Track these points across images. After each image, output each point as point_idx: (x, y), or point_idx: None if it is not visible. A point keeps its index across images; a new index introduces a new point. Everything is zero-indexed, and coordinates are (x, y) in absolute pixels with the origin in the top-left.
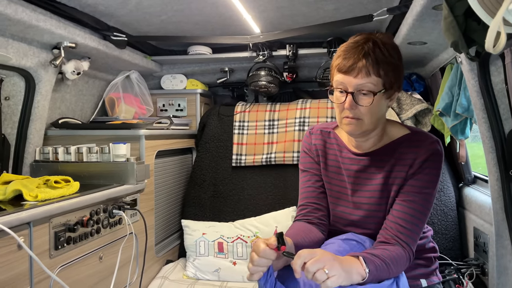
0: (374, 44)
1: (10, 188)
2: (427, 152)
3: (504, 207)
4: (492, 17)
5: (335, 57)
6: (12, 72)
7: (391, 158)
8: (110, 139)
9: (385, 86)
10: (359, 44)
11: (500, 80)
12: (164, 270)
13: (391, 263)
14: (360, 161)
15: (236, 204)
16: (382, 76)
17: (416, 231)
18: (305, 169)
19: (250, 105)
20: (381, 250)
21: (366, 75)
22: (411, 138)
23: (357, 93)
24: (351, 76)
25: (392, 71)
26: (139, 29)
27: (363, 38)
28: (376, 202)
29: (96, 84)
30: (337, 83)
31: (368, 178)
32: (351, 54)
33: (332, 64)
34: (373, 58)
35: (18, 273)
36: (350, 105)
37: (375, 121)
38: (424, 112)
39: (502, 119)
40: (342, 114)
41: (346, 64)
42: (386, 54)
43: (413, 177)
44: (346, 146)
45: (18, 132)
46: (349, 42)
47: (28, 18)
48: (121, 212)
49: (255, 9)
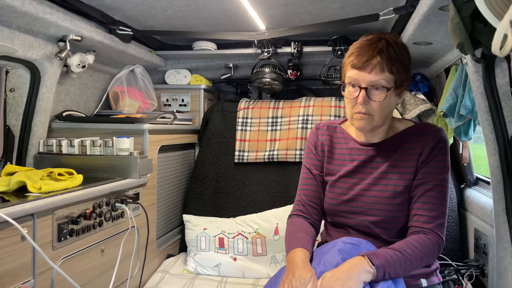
0: (387, 43)
1: (14, 179)
2: (434, 140)
3: (505, 209)
4: (500, 19)
5: (348, 54)
6: (17, 64)
7: (398, 148)
8: (114, 133)
9: (396, 83)
10: (373, 42)
11: (505, 82)
12: (164, 264)
13: (409, 252)
14: (368, 151)
15: (238, 200)
16: (395, 73)
17: (439, 217)
18: (308, 166)
19: (253, 101)
20: (397, 243)
21: (380, 71)
22: (416, 129)
23: (370, 89)
24: (365, 72)
25: (403, 69)
26: (144, 23)
27: (376, 36)
28: (383, 189)
29: (101, 78)
30: (350, 78)
31: (374, 168)
32: (365, 51)
33: (345, 61)
34: (387, 56)
35: (21, 264)
36: (363, 100)
37: (385, 118)
38: (427, 113)
39: (506, 121)
40: (354, 110)
41: (361, 60)
42: (398, 52)
43: (425, 165)
44: (353, 138)
45: (22, 124)
46: (362, 40)
47: (34, 10)
48: (123, 205)
49: (261, 6)
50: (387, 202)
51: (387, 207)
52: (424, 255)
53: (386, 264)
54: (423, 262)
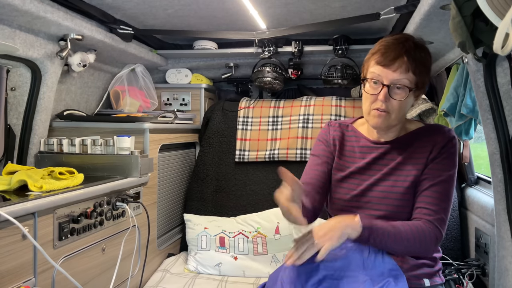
0: (415, 44)
1: (15, 178)
2: (446, 139)
3: (506, 208)
4: (501, 18)
5: (373, 50)
6: (18, 63)
7: (409, 147)
8: (115, 132)
9: (417, 85)
10: (400, 41)
11: (506, 81)
12: (165, 263)
13: (402, 230)
14: (379, 149)
15: (238, 200)
16: (417, 74)
17: (440, 211)
18: (317, 154)
19: (254, 101)
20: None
21: (405, 71)
22: (428, 129)
23: (392, 87)
24: (390, 70)
25: (426, 72)
26: (145, 22)
27: (402, 36)
28: (393, 184)
29: (101, 77)
30: (373, 74)
31: (385, 165)
32: (392, 49)
33: (369, 57)
34: (413, 57)
35: (22, 263)
36: (384, 97)
37: (401, 117)
38: (428, 112)
39: (507, 120)
40: (372, 106)
41: (387, 57)
42: (423, 55)
43: (434, 161)
44: (365, 136)
45: (23, 123)
46: (389, 38)
47: (35, 9)
48: (124, 204)
49: (262, 5)
50: (396, 197)
51: (395, 202)
52: (418, 240)
53: (374, 229)
54: (415, 247)
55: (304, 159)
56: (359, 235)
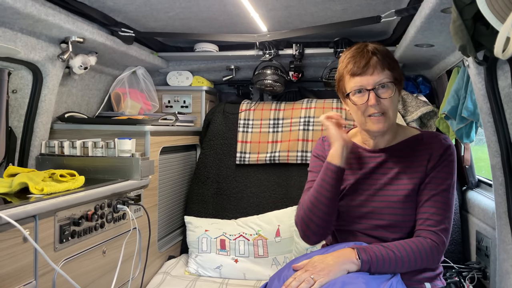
0: (373, 47)
1: (16, 180)
2: (443, 146)
3: (507, 211)
4: (502, 22)
5: (343, 65)
6: (20, 65)
7: (407, 154)
8: (116, 134)
9: (396, 78)
10: (361, 48)
11: (507, 84)
12: (166, 265)
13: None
14: (377, 158)
15: (239, 202)
16: (392, 70)
17: (443, 221)
18: (316, 171)
19: (255, 103)
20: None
21: (381, 69)
22: (425, 136)
23: (377, 88)
24: (367, 75)
25: (397, 66)
26: (146, 25)
27: (361, 44)
28: (393, 194)
29: (103, 79)
30: (354, 87)
31: (384, 173)
32: (359, 57)
33: (342, 73)
34: (381, 55)
35: (23, 265)
36: (375, 100)
37: (396, 114)
38: (429, 115)
39: (508, 123)
40: (366, 114)
41: (360, 65)
42: (386, 51)
43: (433, 170)
44: (360, 146)
45: (24, 125)
46: (350, 51)
47: (37, 12)
48: (125, 207)
49: (263, 8)
50: (397, 206)
51: (396, 211)
52: (420, 259)
53: (373, 260)
54: (417, 265)
55: (305, 161)
56: (360, 269)
